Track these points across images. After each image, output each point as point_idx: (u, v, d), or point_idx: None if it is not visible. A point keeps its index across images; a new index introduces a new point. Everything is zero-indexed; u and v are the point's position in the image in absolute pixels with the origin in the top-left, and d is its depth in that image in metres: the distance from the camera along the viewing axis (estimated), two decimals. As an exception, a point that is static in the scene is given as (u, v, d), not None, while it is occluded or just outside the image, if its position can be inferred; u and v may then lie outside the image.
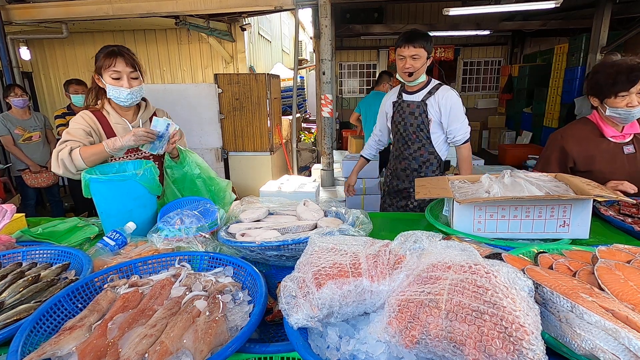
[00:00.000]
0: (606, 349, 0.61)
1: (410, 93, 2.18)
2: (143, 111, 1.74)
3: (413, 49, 1.97)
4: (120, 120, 1.67)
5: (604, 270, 0.80)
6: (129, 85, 1.57)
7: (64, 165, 1.50)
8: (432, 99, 2.10)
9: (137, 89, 1.61)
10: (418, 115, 2.14)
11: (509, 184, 1.32)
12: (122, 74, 1.56)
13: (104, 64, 1.55)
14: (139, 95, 1.64)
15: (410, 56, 1.99)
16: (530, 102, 7.95)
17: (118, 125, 1.67)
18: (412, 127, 2.16)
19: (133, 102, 1.64)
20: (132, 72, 1.58)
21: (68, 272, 1.10)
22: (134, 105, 1.68)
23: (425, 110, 2.12)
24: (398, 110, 2.21)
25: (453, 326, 0.62)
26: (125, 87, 1.57)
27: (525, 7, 5.11)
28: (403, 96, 2.20)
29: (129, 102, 1.62)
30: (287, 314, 0.75)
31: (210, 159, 4.85)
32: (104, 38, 6.45)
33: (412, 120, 2.16)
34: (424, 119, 2.13)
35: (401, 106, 2.19)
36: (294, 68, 5.20)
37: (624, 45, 5.67)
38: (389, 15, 8.82)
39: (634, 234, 1.38)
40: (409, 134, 2.19)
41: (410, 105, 2.15)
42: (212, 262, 1.10)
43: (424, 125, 2.15)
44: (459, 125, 2.11)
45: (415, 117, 2.14)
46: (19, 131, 3.82)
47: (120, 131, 1.66)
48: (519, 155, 6.75)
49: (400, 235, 0.89)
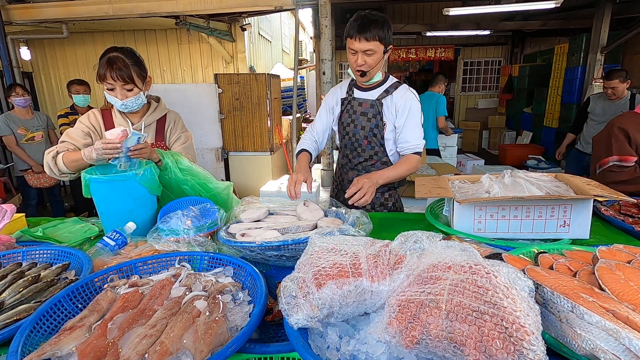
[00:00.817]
0: (607, 349, 0.61)
1: (364, 89, 1.80)
2: (151, 113, 1.73)
3: (366, 43, 1.56)
4: (122, 121, 1.68)
5: (605, 271, 0.80)
6: (122, 97, 1.56)
7: (49, 167, 1.56)
8: (389, 99, 1.74)
9: (132, 100, 1.58)
10: (372, 117, 1.76)
11: (509, 184, 1.32)
12: (114, 86, 1.54)
13: (99, 73, 1.54)
14: (135, 105, 1.61)
15: (362, 51, 1.59)
16: (531, 102, 7.95)
17: (120, 125, 1.67)
18: (363, 130, 1.78)
19: (130, 110, 1.64)
20: (125, 85, 1.54)
21: (68, 272, 1.10)
22: (134, 111, 1.68)
23: (381, 111, 1.75)
24: (347, 109, 1.82)
25: (453, 326, 0.62)
26: (118, 98, 1.56)
27: (525, 7, 5.11)
28: (354, 92, 1.81)
29: (126, 111, 1.63)
30: (287, 314, 0.75)
31: (210, 159, 4.85)
32: (104, 38, 6.45)
33: (364, 122, 1.78)
34: (378, 121, 1.76)
35: (351, 104, 1.80)
36: (294, 68, 5.20)
37: (624, 45, 5.67)
38: (389, 15, 8.82)
39: (634, 234, 1.38)
40: (359, 138, 1.81)
41: (363, 104, 1.77)
42: (212, 262, 1.10)
43: (377, 129, 1.77)
44: (414, 133, 1.73)
45: (368, 118, 1.77)
46: (22, 131, 3.82)
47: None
48: (519, 155, 6.75)
49: (400, 235, 0.89)
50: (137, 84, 1.58)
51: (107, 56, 1.53)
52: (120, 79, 1.52)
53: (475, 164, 5.72)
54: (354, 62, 1.64)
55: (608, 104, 3.56)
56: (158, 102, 1.79)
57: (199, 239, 1.27)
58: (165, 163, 1.56)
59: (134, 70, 1.56)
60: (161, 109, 1.78)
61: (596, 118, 3.64)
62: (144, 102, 1.66)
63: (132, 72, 1.55)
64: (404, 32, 7.99)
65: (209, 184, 1.64)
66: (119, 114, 1.69)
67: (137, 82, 1.58)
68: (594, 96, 3.76)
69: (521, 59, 9.22)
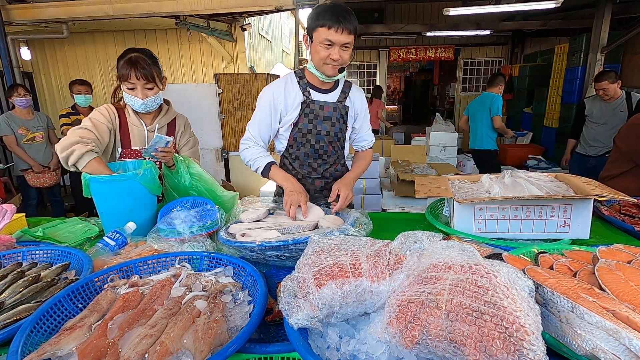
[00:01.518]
0: (607, 349, 0.61)
1: (321, 91, 1.64)
2: (163, 115, 1.76)
3: (347, 35, 1.43)
4: (137, 123, 1.70)
5: (605, 271, 0.80)
6: (143, 96, 1.59)
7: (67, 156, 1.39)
8: (348, 101, 1.68)
9: (152, 99, 1.62)
10: (335, 121, 1.65)
11: (510, 184, 1.32)
12: (136, 85, 1.57)
13: (121, 73, 1.57)
14: (154, 104, 1.65)
15: (341, 44, 1.45)
16: (531, 102, 7.94)
17: (134, 126, 1.70)
18: (328, 136, 1.66)
19: (149, 110, 1.66)
20: (147, 84, 1.58)
21: (68, 272, 1.10)
22: (150, 112, 1.69)
23: (345, 114, 1.67)
24: (306, 113, 1.62)
25: (453, 326, 0.62)
26: (139, 98, 1.59)
27: (525, 7, 5.11)
28: (312, 95, 1.63)
29: (144, 111, 1.65)
30: (287, 314, 0.75)
31: (210, 159, 4.85)
32: (104, 38, 6.44)
33: (328, 127, 1.65)
34: (341, 125, 1.67)
35: (310, 108, 1.62)
36: (294, 68, 5.20)
37: (624, 45, 5.67)
38: (389, 15, 8.83)
39: (634, 234, 1.38)
40: (323, 145, 1.68)
41: (325, 107, 1.63)
42: (212, 262, 1.10)
43: (341, 133, 1.70)
44: (369, 130, 1.80)
45: (332, 123, 1.65)
46: (23, 131, 3.83)
47: (135, 132, 1.70)
48: (519, 155, 6.75)
49: (400, 235, 0.89)
50: (157, 84, 1.63)
51: (128, 56, 1.57)
52: (144, 78, 1.56)
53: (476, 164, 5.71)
54: (328, 56, 1.47)
55: (605, 105, 3.56)
56: (168, 105, 1.81)
57: (199, 239, 1.28)
58: (178, 167, 1.60)
59: (154, 70, 1.60)
60: (171, 112, 1.81)
61: (595, 120, 3.63)
62: (161, 101, 1.69)
63: (153, 71, 1.59)
64: (404, 32, 7.99)
65: (216, 191, 1.65)
66: (133, 114, 1.69)
67: (157, 81, 1.62)
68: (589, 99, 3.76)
69: (521, 59, 9.22)
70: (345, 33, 1.42)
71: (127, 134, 1.68)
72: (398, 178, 3.57)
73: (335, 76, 1.56)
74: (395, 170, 3.81)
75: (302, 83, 1.64)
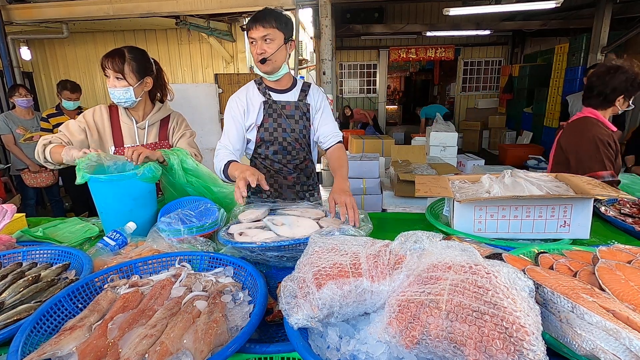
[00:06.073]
0: (607, 350, 0.61)
1: (279, 91, 1.76)
2: (154, 113, 1.77)
3: (263, 29, 1.56)
4: (126, 119, 1.72)
5: (605, 271, 0.80)
6: (110, 85, 1.62)
7: (37, 153, 1.61)
8: (310, 98, 1.80)
9: (119, 90, 1.60)
10: (299, 119, 1.76)
11: (510, 184, 1.32)
12: (110, 75, 1.61)
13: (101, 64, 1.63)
14: (123, 98, 1.62)
15: (261, 38, 1.57)
16: (531, 102, 7.95)
17: (125, 124, 1.72)
18: (293, 133, 1.76)
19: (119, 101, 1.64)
20: (116, 74, 1.60)
21: (68, 272, 1.10)
22: (129, 105, 1.67)
23: (307, 112, 1.78)
24: (270, 113, 1.73)
25: (453, 326, 0.62)
26: (109, 86, 1.62)
27: (525, 7, 5.11)
28: (272, 96, 1.74)
29: (115, 101, 1.65)
30: (287, 314, 0.75)
31: (210, 159, 4.85)
32: (105, 38, 6.45)
33: (292, 124, 1.75)
34: (305, 122, 1.78)
35: (273, 108, 1.73)
36: (294, 68, 5.20)
37: (624, 45, 5.67)
38: (389, 15, 8.83)
39: (634, 234, 1.38)
40: (291, 142, 1.77)
41: (287, 106, 1.74)
42: (213, 262, 1.10)
43: (306, 130, 1.79)
44: (333, 124, 1.84)
45: (295, 120, 1.76)
46: (21, 131, 3.84)
47: (125, 129, 1.72)
48: (519, 155, 6.75)
49: (400, 235, 0.89)
50: (126, 78, 1.60)
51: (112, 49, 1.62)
52: (111, 67, 1.58)
53: (475, 164, 5.71)
54: (254, 52, 1.61)
55: None
56: (162, 103, 1.82)
57: (199, 239, 1.27)
58: (171, 164, 1.57)
59: (129, 64, 1.59)
60: (165, 109, 1.82)
61: None
62: (133, 99, 1.64)
63: (127, 64, 1.59)
64: (404, 32, 8.00)
65: (213, 187, 1.62)
66: (123, 112, 1.72)
67: (127, 75, 1.60)
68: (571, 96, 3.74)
69: (521, 59, 9.22)
70: (260, 27, 1.56)
71: (119, 132, 1.71)
72: (398, 178, 3.57)
73: (276, 72, 1.67)
74: (395, 170, 3.81)
75: (262, 87, 1.75)
